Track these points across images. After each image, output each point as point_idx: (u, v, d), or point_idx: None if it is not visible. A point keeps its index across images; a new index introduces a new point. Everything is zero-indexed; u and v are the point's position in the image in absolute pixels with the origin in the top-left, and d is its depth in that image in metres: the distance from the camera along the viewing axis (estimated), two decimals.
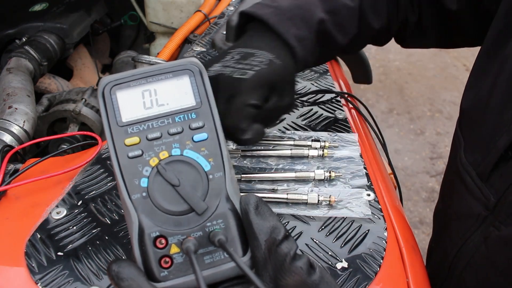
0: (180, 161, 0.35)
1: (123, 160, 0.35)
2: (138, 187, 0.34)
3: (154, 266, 0.33)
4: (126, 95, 0.36)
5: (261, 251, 0.33)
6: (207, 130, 0.36)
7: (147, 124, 0.36)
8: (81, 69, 1.23)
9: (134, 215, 0.34)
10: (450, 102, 2.96)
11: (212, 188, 0.35)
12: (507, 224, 0.50)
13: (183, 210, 0.34)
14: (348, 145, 0.65)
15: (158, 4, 1.09)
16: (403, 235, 0.54)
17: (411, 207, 2.20)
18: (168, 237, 0.34)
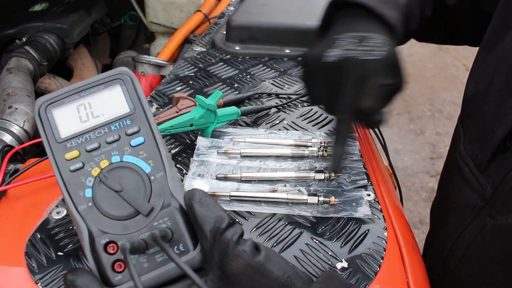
0: (121, 167, 0.36)
1: (66, 175, 0.36)
2: (83, 198, 0.35)
3: (108, 271, 0.34)
4: (61, 112, 0.37)
5: (207, 241, 0.34)
6: (143, 134, 0.38)
7: (85, 137, 0.37)
8: (81, 69, 1.23)
9: (83, 226, 0.35)
10: (450, 102, 2.96)
11: (155, 188, 0.36)
12: (503, 213, 0.50)
13: (129, 213, 0.35)
14: (348, 145, 0.65)
15: (158, 4, 1.09)
16: (403, 235, 0.54)
17: (411, 207, 2.20)
18: (118, 241, 0.35)
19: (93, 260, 0.34)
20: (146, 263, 0.35)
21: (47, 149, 0.36)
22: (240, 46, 0.92)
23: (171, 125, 0.61)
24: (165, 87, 0.78)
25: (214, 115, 0.65)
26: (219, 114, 0.66)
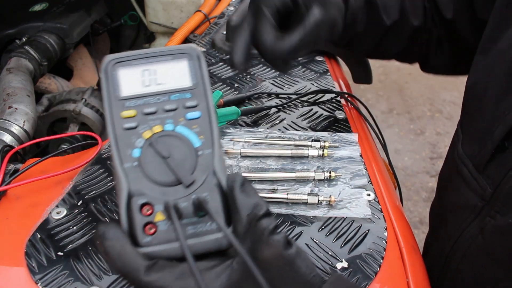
0: (172, 136, 0.37)
1: (118, 131, 0.37)
2: (130, 157, 0.36)
3: (138, 231, 0.34)
4: (127, 72, 0.38)
5: (242, 225, 0.34)
6: (200, 109, 0.39)
7: (144, 100, 0.38)
8: (81, 69, 1.23)
9: (124, 182, 0.35)
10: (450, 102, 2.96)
11: (200, 163, 0.37)
12: (503, 213, 0.50)
13: (170, 181, 0.36)
14: (348, 145, 0.65)
15: (158, 4, 1.09)
16: (403, 235, 0.54)
17: (411, 207, 2.20)
18: (155, 205, 0.35)
19: (126, 218, 0.35)
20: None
21: (106, 104, 0.37)
22: None
23: None
24: None
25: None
26: (219, 114, 0.66)
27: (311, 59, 0.90)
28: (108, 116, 0.37)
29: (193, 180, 0.36)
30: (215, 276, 0.33)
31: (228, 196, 0.36)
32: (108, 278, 0.45)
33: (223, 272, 0.33)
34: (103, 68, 0.38)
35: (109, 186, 0.57)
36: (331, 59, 0.93)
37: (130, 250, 0.33)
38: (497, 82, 0.53)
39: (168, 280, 0.32)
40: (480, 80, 0.57)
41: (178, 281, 0.32)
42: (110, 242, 0.33)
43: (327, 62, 0.91)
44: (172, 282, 0.32)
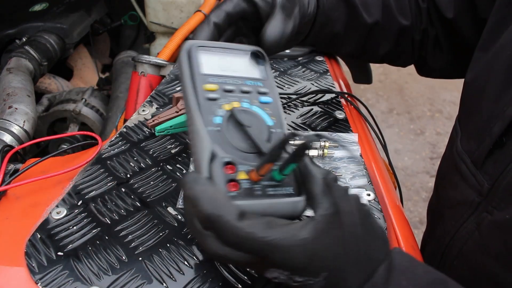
0: (249, 112, 0.42)
1: (202, 99, 0.41)
2: (213, 122, 0.40)
3: (221, 186, 0.37)
4: (207, 55, 0.43)
5: (320, 186, 0.38)
6: (271, 96, 0.44)
7: (224, 79, 0.43)
8: (81, 69, 1.23)
9: (208, 141, 0.38)
10: (450, 102, 2.96)
11: (274, 139, 0.41)
12: (500, 208, 0.50)
13: (250, 148, 0.40)
14: (348, 145, 0.65)
15: (158, 4, 1.09)
16: (403, 235, 0.54)
17: (411, 207, 2.20)
18: (238, 164, 0.39)
19: (208, 173, 0.38)
20: (259, 191, 0.38)
21: (187, 78, 0.42)
22: None
23: (171, 125, 0.61)
24: (165, 87, 0.78)
25: None
26: None
27: (311, 59, 0.90)
28: (190, 87, 0.41)
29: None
30: (300, 226, 0.35)
31: (300, 166, 0.40)
32: (108, 278, 0.45)
33: (307, 224, 0.35)
34: (185, 49, 0.43)
35: (109, 186, 0.57)
36: (331, 59, 0.93)
37: (224, 195, 0.36)
38: (497, 78, 0.53)
39: (258, 228, 0.34)
40: (480, 76, 0.57)
41: (267, 230, 0.34)
42: (203, 187, 0.36)
43: (327, 62, 0.91)
44: (260, 231, 0.34)
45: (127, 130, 0.67)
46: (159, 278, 0.45)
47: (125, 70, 1.11)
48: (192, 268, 0.47)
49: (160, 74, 0.86)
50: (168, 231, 0.50)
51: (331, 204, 0.37)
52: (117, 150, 0.63)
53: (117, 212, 0.53)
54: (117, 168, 0.60)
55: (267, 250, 0.34)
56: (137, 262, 0.47)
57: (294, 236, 0.34)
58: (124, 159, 0.61)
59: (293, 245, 0.34)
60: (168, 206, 0.54)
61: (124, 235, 0.50)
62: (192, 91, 0.41)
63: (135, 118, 0.70)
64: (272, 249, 0.34)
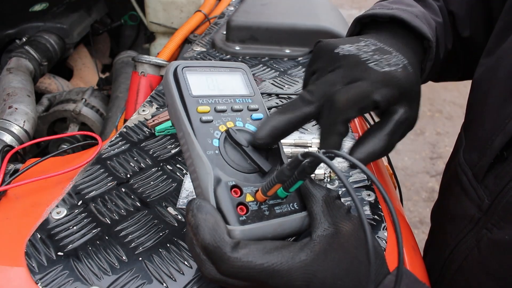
0: (243, 131, 0.42)
1: (196, 123, 0.40)
2: (211, 145, 0.39)
3: (231, 211, 0.37)
4: (194, 76, 0.43)
5: (319, 205, 0.38)
6: (261, 112, 0.44)
7: (215, 99, 0.42)
8: (81, 69, 1.23)
9: (209, 167, 0.38)
10: (450, 102, 2.96)
11: (270, 156, 0.41)
12: (500, 227, 0.49)
13: (250, 168, 0.40)
14: (348, 146, 0.65)
15: (158, 4, 1.09)
16: (403, 235, 0.54)
17: (411, 207, 2.20)
18: (243, 187, 0.38)
19: (215, 200, 0.37)
20: (267, 211, 0.38)
21: (178, 101, 0.41)
22: (240, 46, 0.92)
23: (170, 125, 0.61)
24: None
25: None
26: None
27: None
28: (182, 110, 0.40)
29: (271, 167, 0.40)
30: (298, 249, 0.35)
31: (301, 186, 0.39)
32: (108, 278, 0.45)
33: (305, 246, 0.35)
34: (171, 71, 0.42)
35: (109, 186, 0.57)
36: None
37: (223, 226, 0.35)
38: (499, 86, 0.51)
39: (255, 255, 0.34)
40: (483, 82, 0.56)
41: (265, 255, 0.34)
42: (205, 216, 0.35)
43: None
44: (258, 257, 0.34)
45: (127, 130, 0.67)
46: (159, 278, 0.45)
47: (125, 70, 1.11)
48: (192, 268, 0.47)
49: (160, 74, 0.86)
50: (168, 231, 0.50)
51: (330, 224, 0.36)
52: (117, 150, 0.63)
53: (117, 212, 0.53)
54: (117, 168, 0.60)
55: (266, 276, 0.34)
56: (137, 262, 0.47)
57: (292, 259, 0.34)
58: (124, 159, 0.61)
59: (291, 268, 0.34)
60: (168, 206, 0.54)
61: (124, 235, 0.50)
62: (184, 115, 0.40)
63: (135, 118, 0.70)
64: (271, 275, 0.34)
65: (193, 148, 0.39)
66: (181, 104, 0.41)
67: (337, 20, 0.99)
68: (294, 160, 0.35)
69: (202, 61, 0.44)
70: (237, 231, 0.36)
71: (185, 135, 0.40)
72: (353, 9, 4.23)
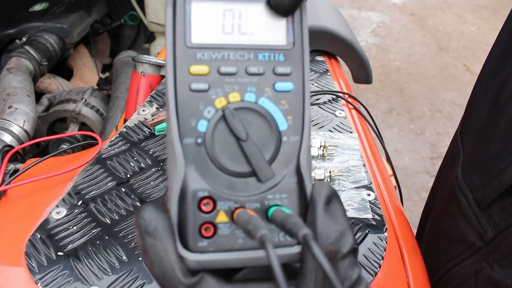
0: (252, 110, 0.28)
1: (183, 92, 0.27)
2: (194, 130, 0.27)
3: (192, 232, 0.26)
4: (203, 9, 0.28)
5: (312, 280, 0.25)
6: (294, 80, 0.28)
7: (222, 54, 0.28)
8: (81, 69, 1.23)
9: (180, 163, 0.26)
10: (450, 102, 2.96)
11: (283, 153, 0.28)
12: (502, 266, 0.46)
13: (243, 171, 0.27)
14: (348, 145, 0.65)
15: (158, 4, 1.09)
16: (403, 235, 0.54)
17: (411, 207, 2.20)
18: (218, 200, 0.27)
19: (178, 211, 0.26)
20: (241, 240, 0.27)
21: (169, 50, 0.27)
22: None
23: None
24: (165, 87, 0.78)
25: None
26: None
27: (311, 59, 0.90)
28: (171, 69, 0.27)
29: (272, 175, 0.27)
30: None
31: (309, 211, 0.27)
32: (108, 278, 0.45)
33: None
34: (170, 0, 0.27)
35: (109, 186, 0.57)
36: (331, 59, 0.93)
37: (174, 260, 0.25)
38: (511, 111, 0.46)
39: None
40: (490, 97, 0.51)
41: None
42: (154, 241, 0.25)
43: (327, 62, 0.91)
44: None
45: (127, 130, 0.67)
46: None
47: (125, 70, 1.11)
48: None
49: (160, 74, 0.86)
50: None
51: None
52: (117, 150, 0.63)
53: (117, 212, 0.53)
54: (117, 168, 0.60)
55: None
56: (137, 262, 0.47)
57: None
58: (124, 159, 0.61)
59: None
60: None
61: (124, 235, 0.50)
62: (171, 78, 0.27)
63: (135, 118, 0.70)
64: None
65: (169, 130, 0.27)
66: (171, 57, 0.27)
67: (337, 20, 0.99)
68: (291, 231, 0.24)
69: None
70: (191, 261, 0.26)
71: (167, 108, 0.27)
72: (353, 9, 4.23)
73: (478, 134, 0.53)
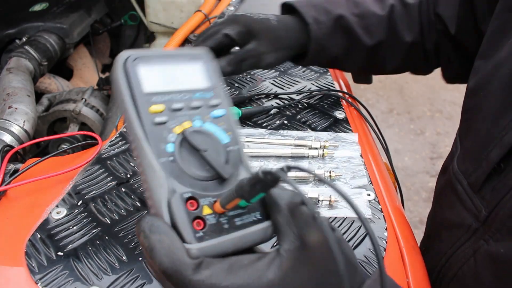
0: (201, 132, 0.36)
1: (148, 126, 0.35)
2: (165, 151, 0.34)
3: (187, 227, 0.32)
4: (147, 69, 0.37)
5: (283, 214, 0.34)
6: (223, 107, 0.39)
7: (170, 96, 0.37)
8: (81, 69, 1.23)
9: (162, 177, 0.33)
10: (450, 102, 2.96)
11: (231, 158, 0.37)
12: (497, 239, 0.49)
13: (209, 175, 0.35)
14: (348, 145, 0.65)
15: (158, 4, 1.09)
16: (403, 235, 0.54)
17: (411, 207, 2.20)
18: (199, 198, 0.34)
19: (169, 215, 0.33)
20: (227, 224, 0.34)
21: (128, 100, 0.35)
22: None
23: None
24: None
25: None
26: None
27: None
28: (133, 111, 0.35)
29: (232, 172, 0.36)
30: (265, 266, 0.32)
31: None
32: (108, 278, 0.45)
33: (272, 262, 0.32)
34: (120, 64, 0.36)
35: (109, 186, 0.57)
36: None
37: (180, 247, 0.31)
38: (495, 97, 0.51)
39: (219, 276, 0.31)
40: (478, 88, 0.56)
41: (229, 276, 0.31)
42: (160, 236, 0.31)
43: None
44: (223, 278, 0.31)
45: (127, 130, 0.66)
46: None
47: None
48: None
49: None
50: None
51: (296, 236, 0.33)
52: (117, 150, 0.63)
53: (117, 212, 0.53)
54: (117, 168, 0.60)
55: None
56: (137, 262, 0.47)
57: (259, 279, 0.31)
58: (124, 159, 0.61)
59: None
60: None
61: (124, 235, 0.50)
62: (135, 117, 0.35)
63: None
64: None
65: (144, 155, 0.34)
66: (132, 103, 0.35)
67: None
68: (254, 177, 0.32)
69: (157, 49, 0.39)
70: (194, 249, 0.32)
71: (136, 140, 0.35)
72: None
73: (470, 124, 0.57)
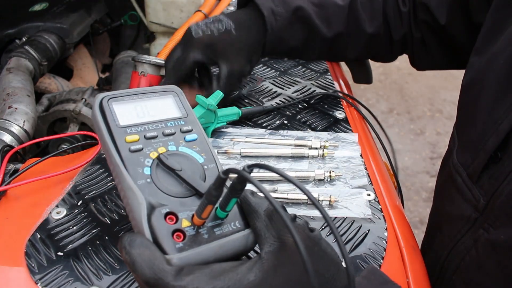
0: (177, 154, 0.40)
1: (125, 154, 0.39)
2: (142, 174, 0.38)
3: (167, 240, 0.35)
4: (121, 106, 0.42)
5: (262, 220, 0.36)
6: (195, 132, 0.43)
7: (144, 127, 0.41)
8: (81, 69, 1.23)
9: (141, 197, 0.36)
10: (450, 102, 2.96)
11: (208, 175, 0.40)
12: (496, 226, 0.49)
13: (186, 192, 0.38)
14: (348, 145, 0.65)
15: (158, 4, 1.09)
16: (403, 235, 0.54)
17: (411, 207, 2.20)
18: (178, 213, 0.36)
19: (150, 230, 0.35)
20: (206, 235, 0.36)
21: (105, 133, 0.40)
22: None
23: None
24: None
25: (214, 115, 0.65)
26: (219, 114, 0.66)
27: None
28: (110, 142, 0.39)
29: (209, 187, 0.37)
30: (246, 270, 0.33)
31: (242, 201, 0.38)
32: (108, 278, 0.45)
33: (254, 265, 0.33)
34: (97, 104, 0.41)
35: (109, 186, 0.57)
36: None
37: (160, 257, 0.33)
38: (491, 88, 0.52)
39: (201, 281, 0.32)
40: (474, 82, 0.56)
41: (211, 280, 0.32)
42: (139, 250, 0.33)
43: (327, 62, 0.91)
44: (205, 283, 0.32)
45: None
46: None
47: (125, 70, 1.11)
48: None
49: (160, 74, 0.86)
50: None
51: (276, 238, 0.34)
52: None
53: (117, 212, 0.53)
54: None
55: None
56: None
57: (240, 281, 0.32)
58: None
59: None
60: None
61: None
62: (112, 147, 0.39)
63: None
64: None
65: (123, 180, 0.37)
66: (109, 136, 0.39)
67: None
68: (217, 179, 0.34)
69: (129, 90, 0.43)
70: (175, 259, 0.34)
71: (115, 167, 0.38)
72: None
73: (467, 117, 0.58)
